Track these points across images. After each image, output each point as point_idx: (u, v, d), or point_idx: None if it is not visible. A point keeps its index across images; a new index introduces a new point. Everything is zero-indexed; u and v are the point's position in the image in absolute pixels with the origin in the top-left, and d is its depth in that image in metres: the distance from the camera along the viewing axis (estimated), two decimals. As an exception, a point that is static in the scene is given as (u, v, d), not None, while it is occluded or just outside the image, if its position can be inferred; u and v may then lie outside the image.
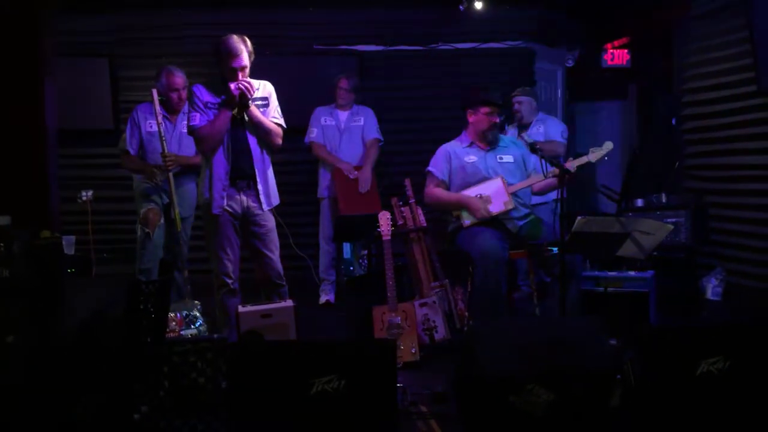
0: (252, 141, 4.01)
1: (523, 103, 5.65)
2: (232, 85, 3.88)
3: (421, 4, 6.51)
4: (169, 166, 4.67)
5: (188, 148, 4.90)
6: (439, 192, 4.53)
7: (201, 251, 5.96)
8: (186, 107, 4.87)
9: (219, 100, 3.95)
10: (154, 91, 4.71)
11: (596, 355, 2.93)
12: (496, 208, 4.35)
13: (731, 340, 2.84)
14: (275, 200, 4.16)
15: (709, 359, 2.81)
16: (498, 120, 4.52)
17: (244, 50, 3.91)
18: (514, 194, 4.39)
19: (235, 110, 3.94)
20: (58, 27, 4.85)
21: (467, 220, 4.41)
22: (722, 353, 2.81)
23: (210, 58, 6.10)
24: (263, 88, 4.08)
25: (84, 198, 5.80)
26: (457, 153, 4.56)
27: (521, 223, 4.43)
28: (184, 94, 4.87)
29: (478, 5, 6.17)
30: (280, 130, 4.09)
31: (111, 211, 6.26)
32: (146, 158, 4.85)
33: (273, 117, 4.07)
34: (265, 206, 4.06)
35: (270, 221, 4.13)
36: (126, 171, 5.26)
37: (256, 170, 4.02)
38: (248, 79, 3.92)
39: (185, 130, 4.86)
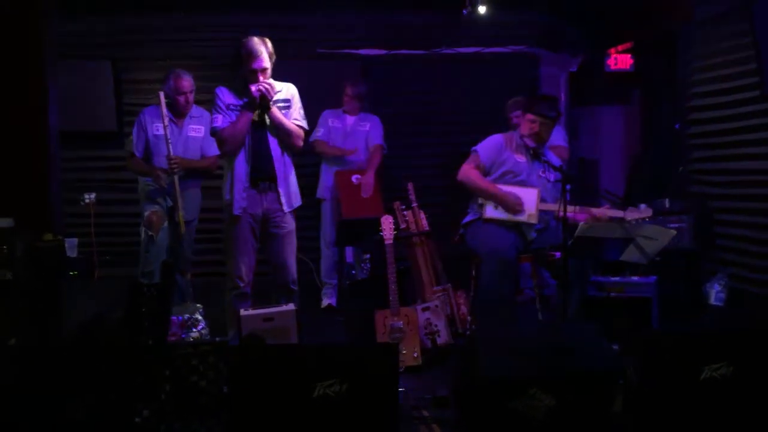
0: (273, 142, 4.03)
1: (516, 117, 5.60)
2: (253, 87, 3.90)
3: (424, 8, 6.51)
4: (174, 169, 4.68)
5: (194, 152, 4.91)
6: (477, 176, 4.41)
7: (205, 254, 5.97)
8: (193, 111, 4.91)
9: (241, 102, 3.97)
10: (161, 94, 4.72)
11: (598, 361, 2.92)
12: (522, 216, 4.32)
13: (735, 346, 2.83)
14: (297, 201, 4.18)
15: (713, 365, 2.80)
16: (539, 131, 4.45)
17: (264, 51, 3.93)
18: (540, 213, 4.35)
19: (257, 112, 3.96)
20: (61, 29, 4.85)
21: (489, 212, 4.35)
22: (726, 359, 2.80)
23: (213, 60, 6.22)
24: (286, 90, 4.10)
25: (87, 200, 5.81)
26: (509, 147, 4.46)
27: (534, 235, 4.42)
28: (191, 97, 4.87)
29: (482, 10, 6.16)
30: (301, 132, 4.12)
31: (114, 213, 6.26)
32: (152, 161, 4.84)
33: (295, 119, 4.10)
34: (285, 207, 4.08)
35: (290, 224, 4.15)
36: (129, 173, 5.26)
37: (277, 171, 4.04)
38: (269, 81, 3.94)
39: (191, 134, 4.89)
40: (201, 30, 6.45)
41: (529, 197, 4.32)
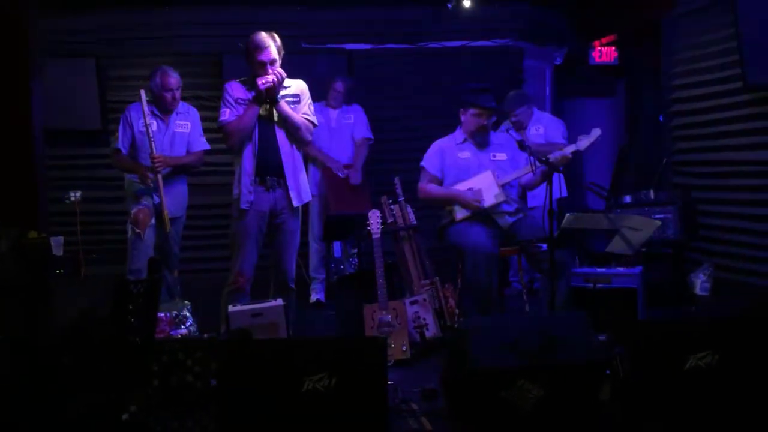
0: (280, 136, 4.02)
1: (520, 114, 5.61)
2: (259, 81, 3.89)
3: (409, 2, 6.51)
4: (158, 167, 4.64)
5: (180, 149, 4.87)
6: (431, 187, 4.57)
7: (192, 251, 5.95)
8: (179, 107, 4.88)
9: (250, 96, 3.97)
10: (143, 92, 4.68)
11: (585, 351, 2.94)
12: (488, 201, 4.37)
13: (719, 334, 2.86)
14: (306, 197, 4.17)
15: (698, 354, 2.83)
16: (486, 123, 4.53)
17: (271, 44, 3.92)
18: (504, 188, 4.40)
19: (265, 106, 3.96)
20: (45, 27, 4.82)
21: (459, 213, 4.42)
22: (710, 348, 2.83)
23: (197, 57, 6.20)
24: (296, 86, 4.11)
25: (72, 198, 5.76)
26: (450, 149, 4.58)
27: (512, 219, 4.44)
28: (178, 94, 4.83)
29: (467, 3, 6.17)
30: (310, 126, 4.11)
31: (99, 211, 6.22)
32: (138, 158, 4.80)
33: (304, 113, 4.09)
34: (295, 202, 4.06)
35: (295, 224, 4.14)
36: (115, 171, 5.21)
37: (285, 165, 4.02)
38: (279, 71, 3.92)
39: (178, 130, 4.86)
40: (185, 26, 6.41)
41: (486, 181, 4.39)
